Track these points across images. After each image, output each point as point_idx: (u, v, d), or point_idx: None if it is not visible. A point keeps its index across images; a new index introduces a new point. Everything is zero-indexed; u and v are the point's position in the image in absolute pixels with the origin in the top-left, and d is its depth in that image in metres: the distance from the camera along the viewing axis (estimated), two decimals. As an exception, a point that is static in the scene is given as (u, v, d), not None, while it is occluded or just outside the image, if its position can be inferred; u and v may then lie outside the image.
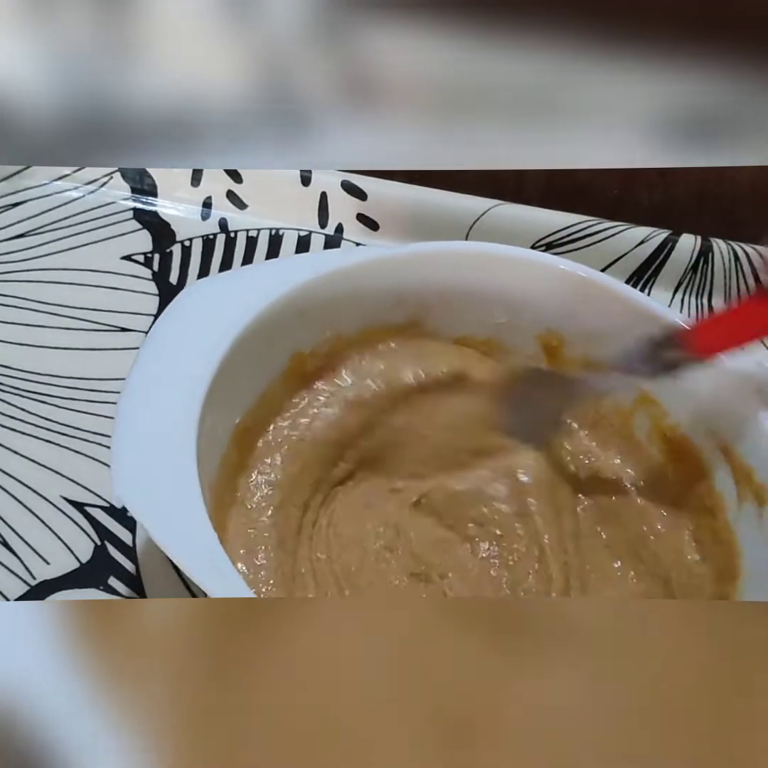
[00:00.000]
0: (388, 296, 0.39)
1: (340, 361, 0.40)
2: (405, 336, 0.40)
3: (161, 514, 0.30)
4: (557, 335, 0.40)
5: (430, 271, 0.39)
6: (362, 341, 0.40)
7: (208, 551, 0.30)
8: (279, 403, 0.39)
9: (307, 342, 0.39)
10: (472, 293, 0.40)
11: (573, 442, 0.41)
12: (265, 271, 0.39)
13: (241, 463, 0.37)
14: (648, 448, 0.40)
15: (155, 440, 0.32)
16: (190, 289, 0.37)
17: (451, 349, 0.41)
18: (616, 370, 0.38)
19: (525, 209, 0.52)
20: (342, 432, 0.39)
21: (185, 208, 0.52)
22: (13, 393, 0.44)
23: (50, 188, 0.52)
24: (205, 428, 0.33)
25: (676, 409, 0.39)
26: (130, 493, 0.30)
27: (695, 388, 0.38)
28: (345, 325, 0.39)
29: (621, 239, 0.52)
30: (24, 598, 0.38)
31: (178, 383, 0.33)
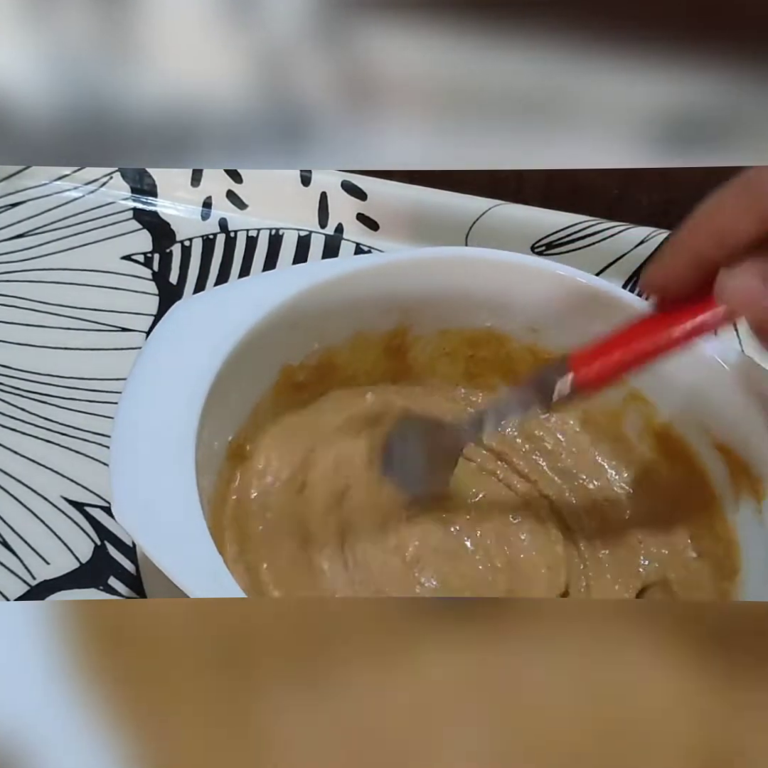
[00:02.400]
0: (376, 305, 0.39)
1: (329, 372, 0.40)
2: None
3: (161, 537, 0.30)
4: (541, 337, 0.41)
5: (420, 277, 0.40)
6: (349, 352, 0.40)
7: (210, 569, 0.30)
8: (271, 417, 0.39)
9: (295, 354, 0.39)
10: (461, 298, 0.40)
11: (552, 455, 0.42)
12: (255, 285, 0.39)
13: (236, 477, 0.37)
14: (639, 446, 0.40)
15: (153, 459, 0.32)
16: (180, 305, 0.37)
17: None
18: (506, 406, 0.37)
19: (525, 209, 0.52)
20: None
21: (185, 208, 0.52)
22: (13, 393, 0.44)
23: (50, 188, 0.52)
24: (203, 443, 0.33)
25: (666, 406, 0.39)
26: (131, 520, 0.30)
27: (683, 384, 0.38)
28: (333, 335, 0.39)
29: (621, 239, 0.52)
30: (24, 598, 0.38)
31: (174, 399, 0.33)
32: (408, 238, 0.52)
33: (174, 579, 0.29)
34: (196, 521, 0.31)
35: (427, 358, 0.42)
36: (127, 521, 0.30)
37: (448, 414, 0.41)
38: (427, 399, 0.42)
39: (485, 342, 0.41)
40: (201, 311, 0.36)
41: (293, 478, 0.38)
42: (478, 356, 0.42)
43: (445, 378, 0.43)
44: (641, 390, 0.40)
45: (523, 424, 0.42)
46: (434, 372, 0.43)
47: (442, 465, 0.39)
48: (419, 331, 0.41)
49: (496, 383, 0.43)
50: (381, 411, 0.41)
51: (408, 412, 0.40)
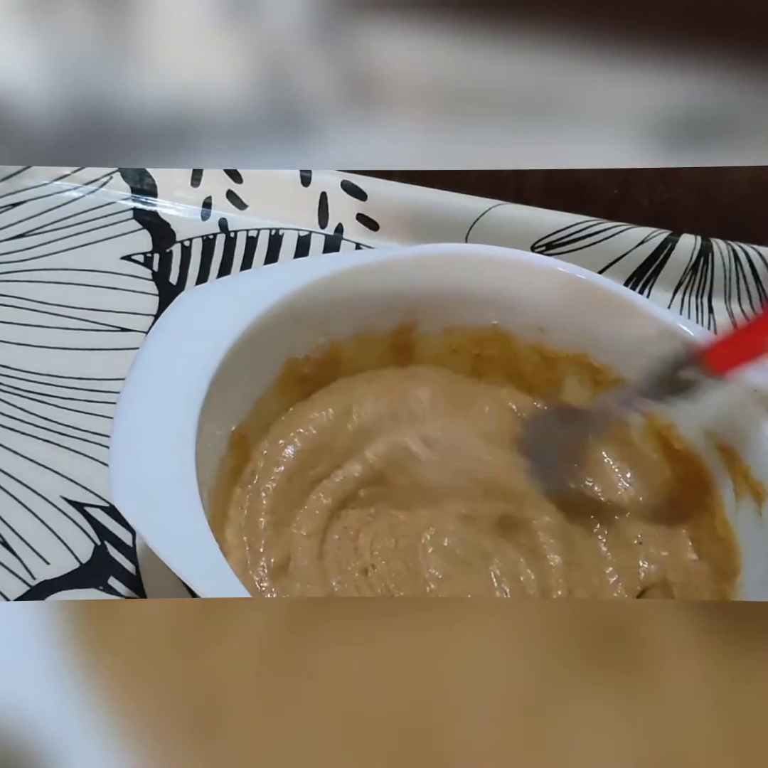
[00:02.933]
0: (382, 300, 0.39)
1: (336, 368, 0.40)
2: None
3: (160, 524, 0.30)
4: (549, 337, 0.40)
5: (425, 274, 0.39)
6: (355, 347, 0.40)
7: (208, 559, 0.30)
8: (275, 410, 0.39)
9: (301, 348, 0.39)
10: (466, 295, 0.40)
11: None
12: (258, 278, 0.39)
13: (239, 470, 0.37)
14: (642, 448, 0.40)
15: (153, 451, 0.32)
16: (184, 296, 0.37)
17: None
18: (631, 395, 0.37)
19: (525, 209, 0.52)
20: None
21: (185, 208, 0.52)
22: (13, 393, 0.44)
23: (50, 188, 0.52)
24: (203, 436, 0.33)
25: (670, 410, 0.39)
26: (129, 505, 0.30)
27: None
28: (339, 330, 0.39)
29: (621, 239, 0.52)
30: (24, 598, 0.38)
31: (175, 392, 0.33)
32: (408, 238, 0.52)
33: (170, 564, 0.29)
34: (194, 509, 0.31)
35: (432, 356, 0.42)
36: (126, 507, 0.30)
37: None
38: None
39: (491, 340, 0.41)
40: (206, 302, 0.36)
41: (300, 467, 0.38)
42: (485, 355, 0.42)
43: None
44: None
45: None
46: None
47: (573, 456, 0.40)
48: (425, 328, 0.41)
49: (503, 381, 0.43)
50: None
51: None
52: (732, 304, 0.52)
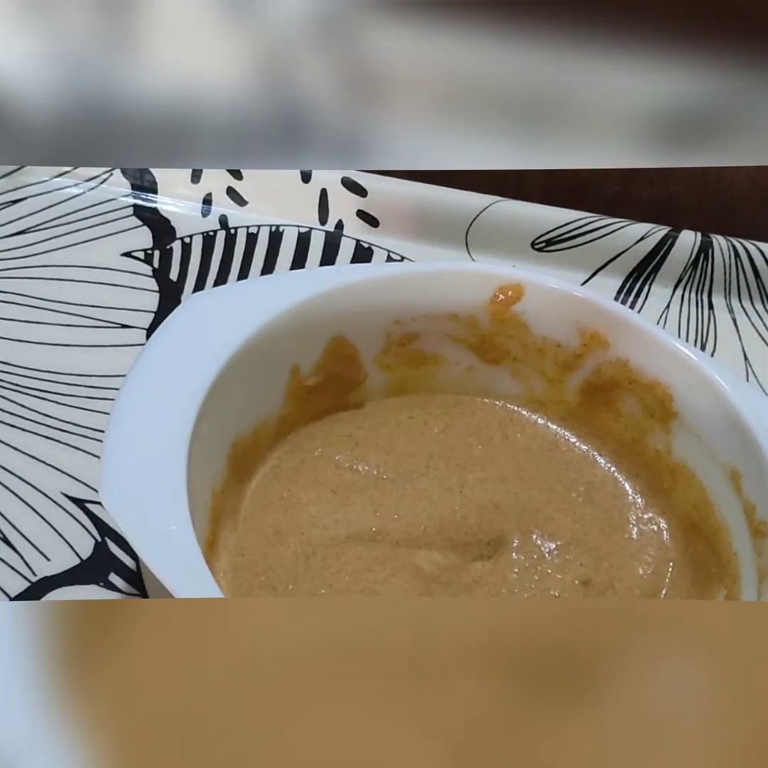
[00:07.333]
0: (386, 314, 0.39)
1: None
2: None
3: (143, 521, 0.30)
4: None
5: (427, 290, 0.39)
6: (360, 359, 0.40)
7: (187, 560, 0.30)
8: (277, 425, 0.39)
9: (305, 359, 0.38)
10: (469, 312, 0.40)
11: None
12: (262, 287, 0.39)
13: (238, 479, 0.37)
14: None
15: (146, 449, 0.32)
16: (186, 304, 0.37)
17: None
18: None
19: (525, 206, 0.52)
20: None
21: (185, 204, 0.52)
22: (13, 390, 0.44)
23: (50, 185, 0.52)
24: (199, 444, 0.33)
25: None
26: (114, 500, 0.31)
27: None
28: (343, 342, 0.39)
29: (621, 236, 0.52)
30: (24, 595, 0.38)
31: (172, 400, 0.33)
32: (408, 235, 0.52)
33: (147, 562, 0.29)
34: (181, 514, 0.31)
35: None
36: (110, 501, 0.30)
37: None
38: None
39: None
40: (215, 306, 0.36)
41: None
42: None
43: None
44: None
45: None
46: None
47: None
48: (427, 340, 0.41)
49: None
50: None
51: None
52: (732, 301, 0.52)
